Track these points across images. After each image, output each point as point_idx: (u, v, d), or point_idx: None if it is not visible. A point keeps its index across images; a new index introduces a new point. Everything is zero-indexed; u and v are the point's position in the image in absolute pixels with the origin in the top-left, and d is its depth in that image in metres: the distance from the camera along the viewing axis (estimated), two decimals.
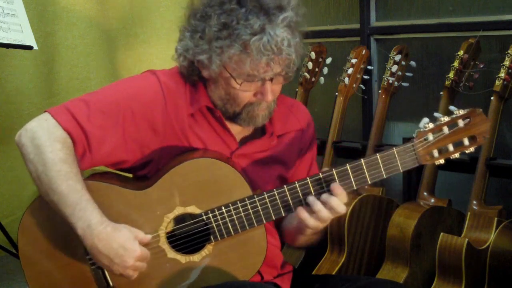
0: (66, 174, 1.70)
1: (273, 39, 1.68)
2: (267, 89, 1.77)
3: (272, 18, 1.70)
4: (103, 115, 1.77)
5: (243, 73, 1.74)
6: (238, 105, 1.81)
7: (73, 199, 1.69)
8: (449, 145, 1.75)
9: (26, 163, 1.75)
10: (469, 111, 1.73)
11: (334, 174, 1.74)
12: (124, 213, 1.75)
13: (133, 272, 1.73)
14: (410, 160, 1.75)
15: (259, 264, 1.82)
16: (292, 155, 1.95)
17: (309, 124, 1.99)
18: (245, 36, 1.69)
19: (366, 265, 3.03)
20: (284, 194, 1.76)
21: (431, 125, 1.74)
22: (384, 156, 1.74)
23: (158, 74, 1.85)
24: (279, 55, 1.71)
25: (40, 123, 1.76)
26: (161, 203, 1.78)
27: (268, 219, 1.78)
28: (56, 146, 1.72)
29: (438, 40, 3.38)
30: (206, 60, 1.75)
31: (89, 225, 1.68)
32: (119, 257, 1.69)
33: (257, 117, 1.82)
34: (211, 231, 1.78)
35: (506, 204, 2.74)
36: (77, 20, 3.87)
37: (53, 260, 1.79)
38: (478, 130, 1.74)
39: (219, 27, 1.72)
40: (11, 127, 3.75)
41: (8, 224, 3.46)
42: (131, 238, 1.70)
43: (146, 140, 1.81)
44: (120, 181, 1.84)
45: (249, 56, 1.70)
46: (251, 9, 1.70)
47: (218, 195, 1.78)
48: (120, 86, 1.87)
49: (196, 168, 1.77)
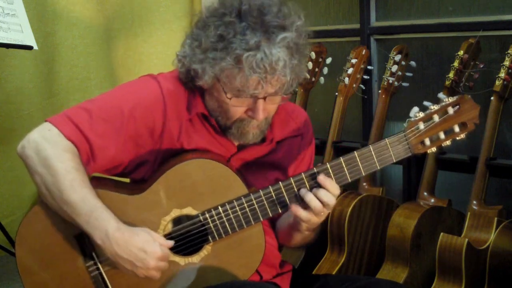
0: (77, 183, 1.69)
1: (268, 58, 1.65)
2: (259, 108, 1.74)
3: (271, 36, 1.67)
4: (105, 123, 1.76)
5: (233, 88, 1.72)
6: (228, 119, 1.79)
7: (88, 208, 1.69)
8: (440, 133, 1.76)
9: (33, 175, 1.73)
10: (458, 98, 1.75)
11: (328, 168, 1.75)
12: (121, 218, 1.74)
13: (157, 272, 1.73)
14: (403, 150, 1.76)
15: (258, 262, 1.82)
16: (291, 161, 1.94)
17: (308, 130, 1.98)
18: (239, 50, 1.66)
19: (366, 265, 3.03)
20: (280, 190, 1.76)
21: (422, 114, 1.74)
22: (377, 147, 1.75)
23: (159, 79, 1.84)
24: (271, 75, 1.68)
25: (43, 133, 1.74)
26: (157, 206, 1.77)
27: (265, 216, 1.78)
28: (65, 156, 1.71)
29: (438, 40, 3.38)
30: (200, 70, 1.73)
31: (106, 234, 1.68)
32: (141, 260, 1.69)
33: (247, 134, 1.81)
34: (209, 231, 1.78)
35: (506, 204, 2.74)
36: (77, 20, 3.87)
37: (51, 269, 1.78)
38: (468, 117, 1.75)
39: (215, 38, 1.70)
40: (11, 127, 3.76)
41: (8, 224, 3.46)
42: (150, 240, 1.70)
43: (144, 145, 1.81)
44: (115, 186, 1.83)
45: (240, 71, 1.68)
46: (250, 25, 1.68)
47: (214, 195, 1.77)
48: (120, 92, 1.85)
49: (191, 170, 1.77)
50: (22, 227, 1.77)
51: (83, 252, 1.77)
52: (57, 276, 1.79)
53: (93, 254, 1.76)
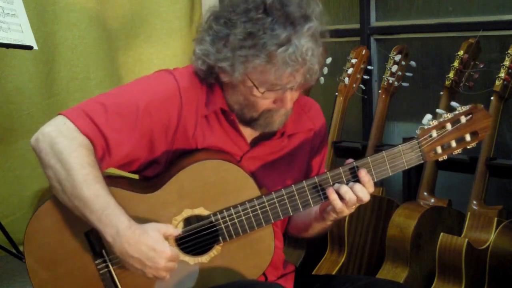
0: (91, 179, 1.68)
1: (299, 50, 1.67)
2: (287, 98, 1.75)
3: (298, 28, 1.68)
4: (121, 118, 1.75)
5: (266, 83, 1.72)
6: (256, 111, 1.79)
7: (100, 205, 1.67)
8: (452, 141, 1.76)
9: (45, 169, 1.72)
10: (471, 107, 1.75)
11: (341, 173, 1.75)
12: (133, 217, 1.73)
13: (166, 273, 1.72)
14: (415, 157, 1.77)
15: (266, 263, 1.82)
16: (303, 155, 1.94)
17: (321, 124, 1.97)
18: (271, 46, 1.66)
19: (366, 265, 3.03)
20: (292, 193, 1.76)
21: (435, 122, 1.75)
22: (390, 153, 1.75)
23: (175, 74, 1.82)
24: (303, 66, 1.70)
25: (58, 127, 1.72)
26: (169, 205, 1.77)
27: (276, 218, 1.78)
28: (81, 152, 1.69)
29: (438, 40, 3.38)
30: (229, 68, 1.72)
31: (117, 231, 1.67)
32: (150, 259, 1.68)
33: (274, 122, 1.82)
34: (220, 232, 1.78)
35: (506, 204, 2.75)
36: (77, 20, 3.86)
37: (60, 265, 1.78)
38: (480, 126, 1.75)
39: (244, 35, 1.69)
40: (11, 127, 3.75)
41: (8, 224, 3.46)
42: (160, 240, 1.69)
43: (159, 141, 1.80)
44: (128, 184, 1.83)
45: (274, 66, 1.68)
46: (277, 19, 1.68)
47: (226, 196, 1.77)
48: (136, 86, 1.83)
49: (204, 170, 1.77)
50: (32, 222, 1.76)
51: (93, 250, 1.77)
52: (65, 273, 1.78)
53: (103, 251, 1.76)
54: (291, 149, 1.91)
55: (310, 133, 1.95)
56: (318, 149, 1.98)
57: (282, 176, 1.89)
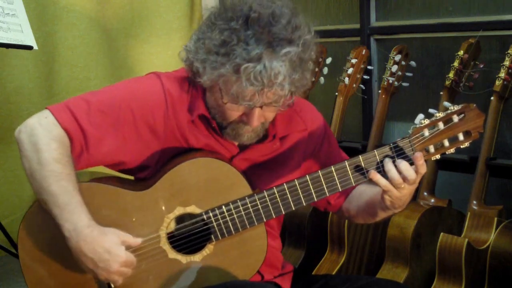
0: (58, 174, 1.69)
1: (267, 71, 1.62)
2: (254, 115, 1.72)
3: (275, 49, 1.64)
4: (102, 115, 1.77)
5: (229, 94, 1.70)
6: (225, 119, 1.78)
7: (63, 200, 1.68)
8: (444, 140, 1.76)
9: (22, 159, 1.75)
10: (463, 106, 1.74)
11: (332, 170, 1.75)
12: (124, 214, 1.74)
13: (118, 277, 1.71)
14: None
15: (259, 262, 1.82)
16: (297, 157, 1.92)
17: (318, 123, 1.94)
18: (239, 59, 1.63)
19: (366, 265, 3.03)
20: (284, 192, 1.76)
21: (427, 120, 1.75)
22: (382, 152, 1.75)
23: (162, 78, 1.83)
24: (268, 88, 1.65)
25: (39, 120, 1.76)
26: (161, 203, 1.78)
27: (268, 217, 1.78)
28: (52, 146, 1.71)
29: (438, 40, 3.38)
30: (201, 69, 1.72)
31: (75, 228, 1.67)
32: (104, 261, 1.68)
33: (241, 136, 1.80)
34: (212, 230, 1.78)
35: (506, 204, 2.75)
36: (77, 20, 3.87)
37: (54, 265, 1.78)
38: (472, 125, 1.75)
39: (218, 42, 1.67)
40: (11, 127, 3.75)
41: (8, 224, 3.46)
42: (117, 243, 1.69)
43: (147, 142, 1.80)
44: (120, 182, 1.84)
45: (237, 80, 1.65)
46: (256, 34, 1.64)
47: (218, 194, 1.77)
48: (122, 87, 1.86)
49: (195, 168, 1.77)
50: (24, 222, 1.78)
51: None
52: (59, 272, 1.79)
53: None
54: (284, 150, 1.90)
55: (304, 134, 1.92)
56: (323, 143, 1.95)
57: (276, 177, 1.88)
